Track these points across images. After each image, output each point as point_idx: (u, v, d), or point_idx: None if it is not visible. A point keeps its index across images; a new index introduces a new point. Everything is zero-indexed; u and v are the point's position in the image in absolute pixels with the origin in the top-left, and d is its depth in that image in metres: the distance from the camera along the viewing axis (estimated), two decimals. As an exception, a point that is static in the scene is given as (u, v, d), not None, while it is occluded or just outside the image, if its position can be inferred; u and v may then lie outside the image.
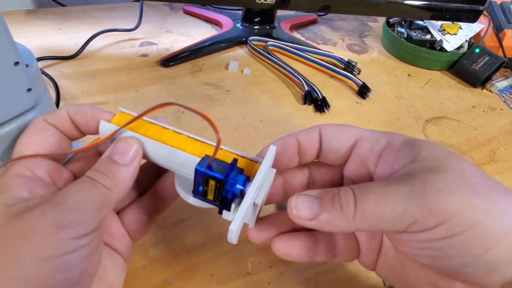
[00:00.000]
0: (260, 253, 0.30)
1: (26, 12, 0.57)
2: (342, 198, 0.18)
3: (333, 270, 0.30)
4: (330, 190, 0.19)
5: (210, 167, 0.19)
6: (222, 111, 0.44)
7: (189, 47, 0.53)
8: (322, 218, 0.18)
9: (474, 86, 0.57)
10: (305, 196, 0.19)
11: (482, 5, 0.53)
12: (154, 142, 0.21)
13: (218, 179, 0.19)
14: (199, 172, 0.19)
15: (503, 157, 0.44)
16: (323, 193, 0.19)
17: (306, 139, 0.23)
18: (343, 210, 0.18)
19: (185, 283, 0.27)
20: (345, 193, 0.18)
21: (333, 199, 0.18)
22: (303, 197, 0.19)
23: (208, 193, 0.20)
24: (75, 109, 0.22)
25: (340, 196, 0.18)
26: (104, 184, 0.18)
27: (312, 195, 0.19)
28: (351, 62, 0.54)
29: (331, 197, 0.18)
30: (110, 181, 0.19)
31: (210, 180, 0.19)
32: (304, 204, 0.18)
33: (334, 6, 0.52)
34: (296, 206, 0.18)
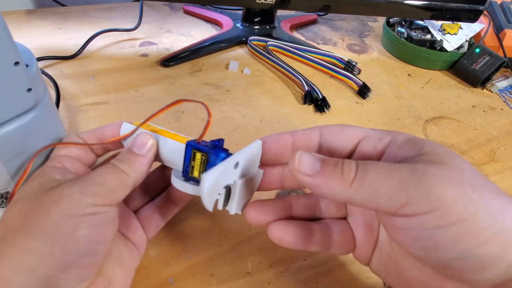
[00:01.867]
0: (260, 253, 0.30)
1: (26, 12, 0.57)
2: (345, 165, 0.19)
3: (333, 270, 0.30)
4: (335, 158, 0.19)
5: (198, 143, 0.23)
6: (222, 111, 0.44)
7: (189, 47, 0.53)
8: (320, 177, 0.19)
9: (474, 86, 0.57)
10: (310, 154, 0.19)
11: (482, 5, 0.53)
12: (164, 138, 0.25)
13: (204, 151, 0.22)
14: (189, 146, 0.23)
15: (503, 157, 0.44)
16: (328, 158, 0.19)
17: (302, 139, 0.23)
18: (343, 175, 0.18)
19: (185, 283, 0.28)
20: (348, 162, 0.19)
21: (336, 164, 0.19)
22: (309, 154, 0.19)
23: (194, 169, 0.23)
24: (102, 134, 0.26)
25: (344, 164, 0.19)
26: (123, 169, 0.22)
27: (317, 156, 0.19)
28: (351, 62, 0.54)
29: (334, 162, 0.19)
30: (129, 168, 0.22)
31: (197, 153, 0.23)
32: (308, 160, 0.19)
33: (334, 6, 0.52)
34: (299, 159, 0.19)
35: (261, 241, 0.31)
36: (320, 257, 0.30)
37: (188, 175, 0.24)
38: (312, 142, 0.23)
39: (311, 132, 0.23)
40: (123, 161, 0.23)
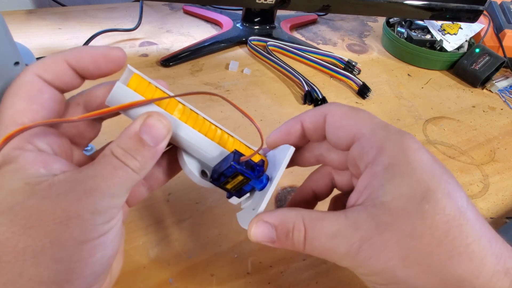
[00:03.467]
0: (260, 253, 0.30)
1: (26, 12, 0.57)
2: (294, 235, 0.20)
3: (333, 270, 0.30)
4: (286, 222, 0.20)
5: (241, 164, 0.21)
6: (222, 111, 0.44)
7: (189, 47, 0.53)
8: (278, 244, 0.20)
9: (474, 86, 0.57)
10: (263, 224, 0.20)
11: (482, 5, 0.53)
12: (185, 126, 0.21)
13: (247, 177, 0.21)
14: (233, 168, 0.21)
15: (503, 157, 0.44)
16: (280, 225, 0.20)
17: (310, 127, 0.23)
18: (294, 243, 0.20)
19: (185, 283, 0.27)
20: (298, 230, 0.20)
21: (287, 235, 0.20)
22: (262, 226, 0.20)
23: (228, 184, 0.22)
24: (76, 55, 0.19)
25: (294, 233, 0.20)
26: (134, 168, 0.18)
27: (270, 224, 0.20)
28: (351, 62, 0.54)
29: (285, 232, 0.20)
30: (140, 165, 0.18)
31: (240, 175, 0.21)
32: (263, 233, 0.20)
33: (334, 6, 0.52)
34: (255, 235, 0.20)
35: (261, 241, 0.31)
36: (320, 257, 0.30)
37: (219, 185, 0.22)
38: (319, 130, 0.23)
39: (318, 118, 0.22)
40: (133, 156, 0.18)
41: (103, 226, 0.17)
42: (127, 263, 0.28)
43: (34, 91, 0.18)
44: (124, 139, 0.18)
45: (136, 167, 0.18)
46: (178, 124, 0.20)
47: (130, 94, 0.19)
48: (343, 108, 0.22)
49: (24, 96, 0.18)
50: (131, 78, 0.19)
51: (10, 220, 0.16)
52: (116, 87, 0.18)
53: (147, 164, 0.18)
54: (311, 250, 0.20)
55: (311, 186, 0.25)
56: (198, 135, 0.21)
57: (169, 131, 0.19)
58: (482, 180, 0.41)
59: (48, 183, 0.17)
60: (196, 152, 0.22)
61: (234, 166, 0.20)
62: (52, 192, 0.16)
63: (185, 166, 0.22)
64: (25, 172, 0.17)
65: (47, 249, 0.16)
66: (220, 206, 0.33)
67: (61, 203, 0.16)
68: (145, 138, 0.18)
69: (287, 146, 0.23)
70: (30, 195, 0.16)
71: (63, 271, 0.16)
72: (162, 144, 0.19)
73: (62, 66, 0.19)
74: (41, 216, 0.16)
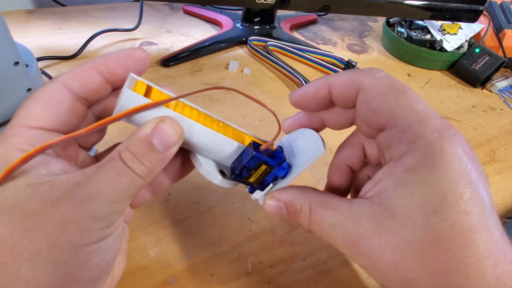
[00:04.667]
0: (260, 253, 0.30)
1: (26, 12, 0.57)
2: (301, 216, 0.21)
3: (333, 270, 0.30)
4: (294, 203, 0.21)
5: (262, 153, 0.21)
6: (222, 111, 0.44)
7: (189, 47, 0.53)
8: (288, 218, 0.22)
9: (474, 86, 0.57)
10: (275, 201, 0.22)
11: (482, 5, 0.53)
12: (200, 127, 0.20)
13: (270, 165, 0.21)
14: (255, 158, 0.20)
15: (503, 157, 0.44)
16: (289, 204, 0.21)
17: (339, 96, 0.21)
18: (301, 224, 0.21)
19: (185, 283, 0.27)
20: (303, 213, 0.21)
21: (295, 214, 0.21)
22: (274, 202, 0.22)
23: (251, 177, 0.22)
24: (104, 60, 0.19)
25: (300, 214, 0.21)
26: (140, 174, 0.17)
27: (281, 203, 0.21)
28: (351, 62, 0.54)
29: (293, 212, 0.21)
30: (146, 170, 0.17)
31: (263, 165, 0.21)
32: (275, 208, 0.22)
33: (334, 6, 0.52)
34: (268, 208, 0.22)
35: (261, 241, 0.31)
36: (320, 257, 0.30)
37: (241, 179, 0.22)
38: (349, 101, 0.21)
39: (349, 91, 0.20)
40: (140, 161, 0.17)
41: (102, 231, 0.17)
42: (127, 263, 0.28)
43: (53, 99, 0.18)
44: (133, 142, 0.17)
45: (143, 172, 0.17)
46: (194, 125, 0.20)
47: (139, 99, 0.18)
48: (381, 85, 0.19)
49: (42, 102, 0.18)
50: (136, 84, 0.19)
51: (9, 221, 0.16)
52: (125, 93, 0.18)
53: (154, 169, 0.18)
54: (314, 231, 0.21)
55: (344, 161, 0.24)
56: (216, 134, 0.21)
57: (181, 137, 0.18)
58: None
59: (49, 184, 0.16)
60: (213, 152, 0.22)
61: (257, 156, 0.20)
62: (52, 194, 0.16)
63: (202, 168, 0.22)
64: (26, 173, 0.17)
65: (44, 252, 0.16)
66: (220, 206, 0.33)
67: (60, 206, 0.16)
68: (155, 143, 0.17)
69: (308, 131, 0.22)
70: (31, 196, 0.16)
71: (60, 275, 0.16)
72: (172, 150, 0.18)
73: (90, 73, 0.19)
74: (39, 218, 0.16)
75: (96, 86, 0.19)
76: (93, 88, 0.19)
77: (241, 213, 0.33)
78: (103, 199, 0.16)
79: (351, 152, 0.23)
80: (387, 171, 0.19)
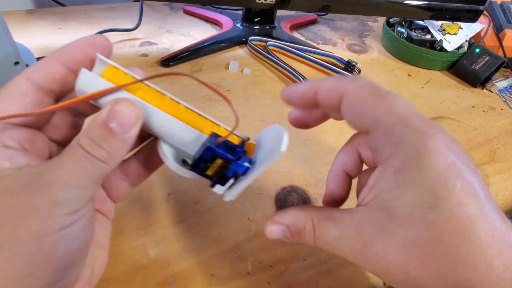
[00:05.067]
0: (260, 253, 0.30)
1: (26, 12, 0.57)
2: (305, 235, 0.21)
3: (333, 270, 0.30)
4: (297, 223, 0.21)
5: (219, 146, 0.20)
6: (222, 111, 0.44)
7: (189, 47, 0.53)
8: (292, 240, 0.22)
9: (474, 86, 0.57)
10: (277, 226, 0.22)
11: (482, 5, 0.53)
12: (158, 111, 0.20)
13: (227, 159, 0.20)
14: (209, 150, 0.19)
15: (503, 157, 0.44)
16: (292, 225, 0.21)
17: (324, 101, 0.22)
18: (306, 242, 0.21)
19: (185, 283, 0.27)
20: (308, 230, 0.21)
21: (299, 234, 0.21)
22: (276, 226, 0.22)
23: (208, 169, 0.20)
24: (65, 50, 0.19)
25: (305, 233, 0.21)
26: (100, 158, 0.17)
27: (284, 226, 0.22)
28: (351, 62, 0.54)
29: (297, 232, 0.21)
30: (107, 154, 0.17)
31: (218, 158, 0.20)
32: (277, 232, 0.22)
33: (334, 6, 0.52)
34: (270, 234, 0.22)
35: (261, 241, 0.31)
36: (320, 257, 0.30)
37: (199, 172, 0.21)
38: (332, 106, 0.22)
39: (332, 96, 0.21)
40: (99, 145, 0.17)
41: (65, 218, 0.17)
42: (127, 263, 0.28)
43: (17, 93, 0.18)
44: (91, 128, 0.17)
45: (103, 156, 0.17)
46: (150, 109, 0.19)
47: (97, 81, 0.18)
48: (362, 92, 0.20)
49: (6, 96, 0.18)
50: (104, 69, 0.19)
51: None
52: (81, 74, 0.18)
53: (116, 153, 0.18)
54: (321, 246, 0.21)
55: (341, 167, 0.24)
56: (173, 120, 0.20)
57: (139, 117, 0.18)
58: (482, 180, 0.41)
59: (12, 177, 0.16)
60: (172, 139, 0.21)
61: (210, 147, 0.19)
62: (13, 186, 0.16)
63: (164, 156, 0.21)
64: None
65: (6, 242, 0.16)
66: (220, 206, 0.33)
67: (20, 195, 0.16)
68: (112, 126, 0.17)
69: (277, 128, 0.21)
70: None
71: (24, 265, 0.16)
72: (132, 131, 0.18)
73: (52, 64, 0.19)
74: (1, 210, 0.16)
75: (59, 77, 0.19)
76: (56, 78, 0.19)
77: (241, 213, 0.33)
78: (63, 185, 0.16)
79: (347, 158, 0.24)
80: (379, 175, 0.19)
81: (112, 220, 0.25)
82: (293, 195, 0.35)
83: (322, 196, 0.30)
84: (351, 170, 0.24)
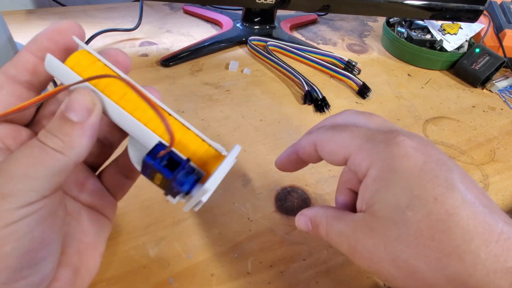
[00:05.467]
0: (260, 253, 0.30)
1: (26, 12, 0.57)
2: (320, 229, 0.23)
3: (333, 270, 0.30)
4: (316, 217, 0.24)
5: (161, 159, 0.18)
6: (222, 111, 0.44)
7: (189, 47, 0.53)
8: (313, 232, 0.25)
9: (474, 86, 0.57)
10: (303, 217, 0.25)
11: (482, 5, 0.53)
12: (113, 105, 0.18)
13: (164, 177, 0.18)
14: (146, 164, 0.18)
15: (503, 157, 0.44)
16: (312, 219, 0.24)
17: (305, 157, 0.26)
18: (322, 236, 0.24)
19: (185, 283, 0.28)
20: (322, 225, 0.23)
21: (317, 227, 0.24)
22: (303, 218, 0.25)
23: (155, 179, 0.19)
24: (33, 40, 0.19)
25: (320, 227, 0.23)
26: (55, 147, 0.17)
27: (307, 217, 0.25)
28: (351, 62, 0.54)
29: (316, 225, 0.24)
30: (62, 143, 0.17)
31: (158, 173, 0.18)
32: (303, 223, 0.25)
33: (334, 6, 0.52)
34: (298, 224, 0.25)
35: (261, 241, 0.31)
36: (320, 257, 0.30)
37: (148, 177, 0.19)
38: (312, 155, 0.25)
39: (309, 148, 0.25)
40: (54, 134, 0.17)
41: (13, 211, 0.15)
42: (127, 263, 0.28)
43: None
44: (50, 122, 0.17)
45: (58, 146, 0.17)
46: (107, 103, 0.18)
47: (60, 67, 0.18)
48: (327, 133, 0.23)
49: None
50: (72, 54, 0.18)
51: None
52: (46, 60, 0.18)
53: (73, 142, 0.17)
54: (329, 241, 0.23)
55: (343, 185, 0.26)
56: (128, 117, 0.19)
57: (95, 104, 0.18)
58: (482, 180, 0.41)
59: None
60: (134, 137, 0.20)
61: (145, 161, 0.18)
62: None
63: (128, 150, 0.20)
64: None
65: None
66: (220, 206, 0.33)
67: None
68: (68, 115, 0.17)
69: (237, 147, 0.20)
70: None
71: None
72: (91, 118, 0.17)
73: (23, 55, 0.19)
74: None
75: (30, 66, 0.19)
76: (28, 68, 0.19)
77: (241, 213, 0.33)
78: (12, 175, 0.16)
79: (348, 176, 0.25)
80: (362, 187, 0.21)
81: (112, 221, 0.24)
82: (293, 195, 0.35)
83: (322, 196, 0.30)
84: (353, 186, 0.25)
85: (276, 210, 0.34)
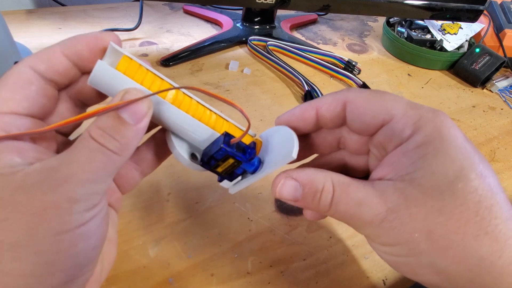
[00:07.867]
0: (260, 253, 0.30)
1: (26, 12, 0.57)
2: (322, 196, 0.20)
3: (333, 270, 0.30)
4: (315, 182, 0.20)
5: (232, 146, 0.20)
6: (222, 111, 0.44)
7: (189, 47, 0.53)
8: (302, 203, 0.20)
9: (474, 86, 0.57)
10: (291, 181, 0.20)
11: (482, 5, 0.53)
12: (170, 106, 0.20)
13: (238, 160, 0.20)
14: (223, 151, 0.20)
15: (503, 157, 0.44)
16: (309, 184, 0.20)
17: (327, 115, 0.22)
18: (319, 207, 0.20)
19: (185, 283, 0.28)
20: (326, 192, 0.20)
21: (314, 195, 0.20)
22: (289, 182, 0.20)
23: (219, 167, 0.21)
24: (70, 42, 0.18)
25: (322, 194, 0.20)
26: (113, 149, 0.17)
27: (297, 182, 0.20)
28: (351, 62, 0.54)
29: (313, 192, 0.20)
30: (120, 145, 0.17)
31: (231, 158, 0.20)
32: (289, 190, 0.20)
33: (334, 6, 0.52)
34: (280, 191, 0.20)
35: (261, 241, 0.31)
36: (320, 257, 0.30)
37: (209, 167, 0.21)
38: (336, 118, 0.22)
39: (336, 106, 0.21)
40: (112, 136, 0.17)
41: (83, 214, 0.16)
42: (127, 263, 0.28)
43: (21, 81, 0.18)
44: (102, 118, 0.17)
45: (116, 147, 0.17)
46: (162, 103, 0.19)
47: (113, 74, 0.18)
48: (363, 93, 0.21)
49: (10, 85, 0.18)
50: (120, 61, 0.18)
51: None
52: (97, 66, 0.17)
53: (129, 144, 0.17)
54: (333, 213, 0.20)
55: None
56: (185, 115, 0.20)
57: (150, 107, 0.18)
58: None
59: (23, 173, 0.16)
60: (184, 134, 0.21)
61: (224, 149, 0.20)
62: (26, 182, 0.16)
63: (173, 149, 0.21)
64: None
65: (23, 241, 0.15)
66: (220, 206, 0.33)
67: (35, 193, 0.15)
68: (124, 116, 0.17)
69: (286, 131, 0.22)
70: (4, 186, 0.15)
71: (43, 264, 0.16)
72: (143, 121, 0.17)
73: (56, 56, 0.18)
74: (16, 208, 0.15)
75: (62, 69, 0.19)
76: (59, 71, 0.19)
77: (241, 213, 0.33)
78: (79, 180, 0.16)
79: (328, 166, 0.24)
80: (399, 154, 0.19)
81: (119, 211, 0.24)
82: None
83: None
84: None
85: (276, 210, 0.34)
